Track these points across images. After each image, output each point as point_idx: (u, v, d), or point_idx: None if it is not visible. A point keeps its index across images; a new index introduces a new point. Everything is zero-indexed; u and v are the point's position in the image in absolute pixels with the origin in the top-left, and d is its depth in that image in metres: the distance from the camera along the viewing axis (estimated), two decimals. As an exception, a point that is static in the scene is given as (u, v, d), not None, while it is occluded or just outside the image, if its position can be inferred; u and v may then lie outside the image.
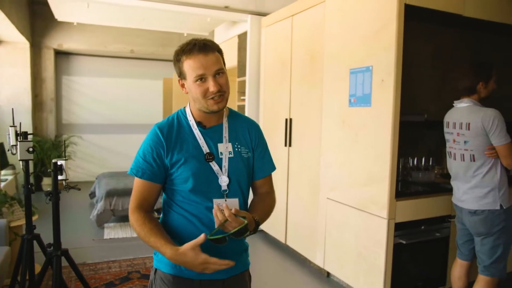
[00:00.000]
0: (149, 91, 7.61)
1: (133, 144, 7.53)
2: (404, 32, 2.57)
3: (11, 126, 2.36)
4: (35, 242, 2.55)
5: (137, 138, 7.62)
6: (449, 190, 2.94)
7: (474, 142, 2.43)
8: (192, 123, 1.39)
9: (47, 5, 5.15)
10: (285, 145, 3.91)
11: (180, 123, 1.39)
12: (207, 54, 1.29)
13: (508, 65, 3.28)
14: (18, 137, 2.34)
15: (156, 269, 1.41)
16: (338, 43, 3.12)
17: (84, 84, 7.26)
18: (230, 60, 5.46)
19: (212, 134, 1.40)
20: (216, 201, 1.34)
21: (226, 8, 4.44)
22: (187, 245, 1.20)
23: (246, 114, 4.66)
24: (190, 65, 1.30)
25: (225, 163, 1.37)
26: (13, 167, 5.67)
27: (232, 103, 5.72)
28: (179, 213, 1.37)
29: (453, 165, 2.60)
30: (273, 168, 1.55)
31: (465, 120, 2.47)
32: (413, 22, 2.75)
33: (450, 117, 2.63)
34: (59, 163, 2.22)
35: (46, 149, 6.30)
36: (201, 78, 1.29)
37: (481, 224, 2.44)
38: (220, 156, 1.37)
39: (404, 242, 2.71)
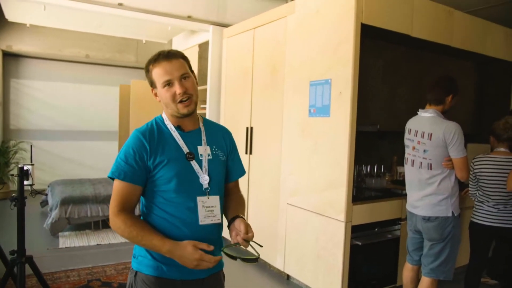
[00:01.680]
0: (105, 97, 7.45)
1: (87, 151, 7.42)
2: (360, 48, 2.79)
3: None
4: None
5: (91, 145, 7.44)
6: (399, 195, 3.21)
7: (434, 152, 2.57)
8: (171, 127, 1.46)
9: (-3, 5, 4.95)
10: (246, 153, 4.03)
11: (159, 128, 1.46)
12: (171, 61, 1.39)
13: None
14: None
15: (136, 272, 1.44)
16: (299, 56, 3.30)
17: (36, 88, 6.97)
18: (191, 68, 5.51)
19: (191, 137, 1.47)
20: (199, 198, 1.42)
21: (189, 18, 4.51)
22: (188, 241, 1.30)
23: (207, 122, 4.72)
24: (157, 73, 1.40)
25: (205, 163, 1.46)
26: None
27: (192, 111, 5.75)
28: (160, 216, 1.42)
29: (410, 172, 2.74)
30: (243, 171, 1.67)
31: (428, 130, 2.60)
32: (368, 39, 2.99)
33: (412, 125, 2.75)
34: (25, 168, 2.18)
35: (-9, 155, 5.97)
36: (168, 83, 1.39)
37: (434, 230, 2.59)
38: (200, 158, 1.45)
39: (359, 243, 2.91)
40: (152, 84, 1.44)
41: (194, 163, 1.43)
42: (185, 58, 1.45)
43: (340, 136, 2.87)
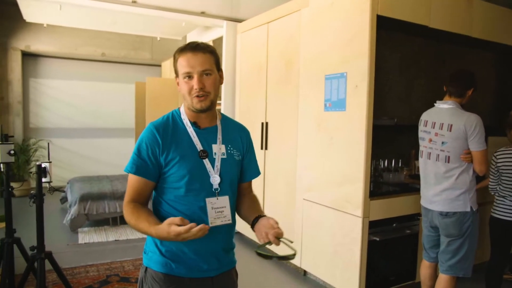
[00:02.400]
0: (121, 95, 7.53)
1: (104, 148, 7.51)
2: (376, 41, 2.73)
3: (-9, 129, 2.33)
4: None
5: (108, 142, 7.54)
6: (417, 190, 3.13)
7: (453, 144, 2.50)
8: (186, 121, 1.43)
9: (14, 5, 5.03)
10: (261, 148, 4.02)
11: (175, 122, 1.43)
12: (196, 54, 1.36)
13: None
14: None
15: (146, 268, 1.44)
16: (314, 50, 3.26)
17: (53, 87, 7.09)
18: (205, 64, 5.51)
19: (207, 135, 1.44)
20: (208, 200, 1.39)
21: (203, 13, 4.50)
22: (165, 221, 1.24)
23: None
24: (180, 63, 1.38)
25: (217, 163, 1.42)
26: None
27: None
28: (171, 213, 1.39)
29: (425, 165, 2.68)
30: (259, 172, 1.63)
31: (447, 121, 2.53)
32: (384, 31, 2.93)
33: (429, 116, 2.68)
34: (43, 165, 2.21)
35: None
36: (189, 76, 1.36)
37: (452, 226, 2.52)
38: (213, 156, 1.43)
39: (377, 239, 2.87)
40: (176, 73, 1.42)
41: (206, 162, 1.41)
42: (213, 53, 1.41)
43: (357, 130, 2.83)
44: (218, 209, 1.41)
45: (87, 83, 7.35)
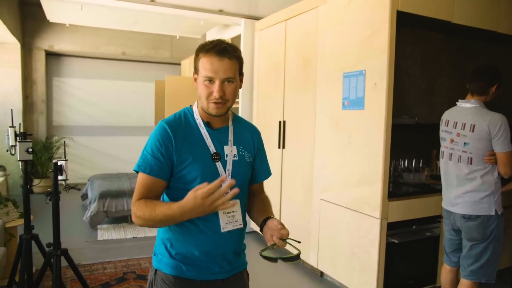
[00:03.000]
0: (141, 93, 7.62)
1: (124, 146, 7.61)
2: (396, 37, 2.65)
3: (10, 127, 2.37)
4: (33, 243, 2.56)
5: (128, 140, 7.63)
6: (439, 191, 3.03)
7: (475, 145, 2.39)
8: (199, 122, 1.39)
9: (38, 6, 5.14)
10: (279, 147, 3.98)
11: (187, 121, 1.39)
12: (222, 59, 1.29)
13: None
14: (18, 138, 2.35)
15: (156, 270, 1.41)
16: (332, 48, 3.19)
17: (75, 86, 7.24)
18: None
19: (219, 135, 1.40)
20: None
21: (220, 11, 4.49)
22: (189, 193, 1.20)
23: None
24: (203, 64, 1.31)
25: (229, 166, 1.38)
26: (3, 168, 5.62)
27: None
28: None
29: (447, 166, 2.58)
30: (269, 173, 1.59)
31: (470, 121, 2.42)
32: (404, 27, 2.84)
33: (450, 116, 2.59)
34: (59, 163, 2.24)
35: (37, 150, 6.25)
36: (210, 80, 1.30)
37: (475, 230, 2.41)
38: (225, 158, 1.38)
39: (396, 241, 2.79)
40: (196, 70, 1.36)
41: (219, 165, 1.36)
42: (239, 59, 1.36)
43: (375, 129, 2.76)
44: (230, 213, 1.38)
45: (108, 82, 7.47)
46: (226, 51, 1.30)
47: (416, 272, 3.01)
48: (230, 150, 1.40)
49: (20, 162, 2.35)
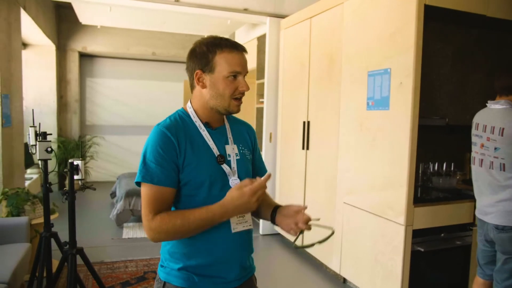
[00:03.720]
0: (170, 93, 7.71)
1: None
2: (423, 33, 2.50)
3: (31, 127, 2.42)
4: (53, 240, 2.60)
5: (158, 139, 7.74)
6: (471, 197, 2.84)
7: (506, 150, 2.20)
8: (199, 124, 1.31)
9: (72, 9, 5.29)
10: (303, 148, 3.88)
11: (185, 124, 1.31)
12: (243, 54, 1.28)
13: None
14: (38, 137, 2.40)
15: (165, 283, 1.32)
16: (356, 45, 3.07)
17: (107, 86, 7.43)
18: (250, 62, 5.44)
19: (219, 135, 1.35)
20: None
21: (245, 10, 4.44)
22: (230, 191, 1.21)
23: (265, 117, 4.65)
24: (226, 59, 1.24)
25: (233, 165, 1.33)
26: (38, 166, 5.83)
27: (251, 106, 5.73)
28: None
29: (478, 173, 2.40)
30: (266, 170, 1.54)
31: (499, 125, 2.24)
32: (433, 22, 2.68)
33: (480, 119, 2.41)
34: (75, 163, 2.26)
35: (70, 149, 6.46)
36: (234, 75, 1.25)
37: (509, 242, 2.22)
38: (228, 158, 1.33)
39: (422, 249, 2.63)
40: (208, 67, 1.25)
41: (225, 166, 1.30)
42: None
43: (400, 131, 2.61)
44: (240, 214, 1.31)
45: (139, 82, 7.61)
46: (243, 47, 1.29)
47: (444, 283, 2.83)
48: (232, 149, 1.35)
49: (40, 161, 2.39)
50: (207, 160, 1.28)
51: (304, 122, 3.86)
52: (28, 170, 5.63)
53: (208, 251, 1.30)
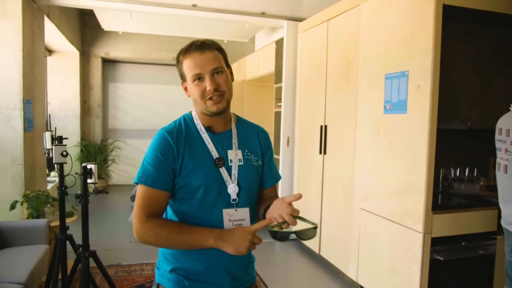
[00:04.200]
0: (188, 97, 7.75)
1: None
2: (442, 34, 2.42)
3: (47, 131, 2.47)
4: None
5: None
6: (495, 204, 2.72)
7: None
8: (200, 127, 1.32)
9: (95, 16, 5.41)
10: (320, 153, 3.82)
11: (188, 128, 1.32)
12: (204, 52, 1.25)
13: None
14: (54, 141, 2.44)
15: (158, 285, 1.34)
16: (373, 48, 3.00)
17: (129, 90, 7.56)
18: (268, 66, 5.45)
19: (222, 140, 1.33)
20: (225, 211, 1.27)
21: (263, 14, 4.43)
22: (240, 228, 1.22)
23: (282, 121, 4.61)
24: (187, 65, 1.26)
25: (234, 171, 1.30)
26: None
27: (269, 110, 5.70)
28: None
29: (503, 180, 2.30)
30: (280, 176, 1.50)
31: None
32: (453, 23, 2.59)
33: (504, 123, 2.32)
34: (88, 167, 2.28)
35: (92, 152, 6.59)
36: (199, 78, 1.25)
37: None
38: (229, 164, 1.30)
39: (441, 258, 2.53)
40: (182, 77, 1.31)
41: (223, 171, 1.28)
42: (221, 50, 1.31)
43: (418, 135, 2.53)
44: (237, 221, 1.28)
45: (160, 87, 7.71)
46: (205, 44, 1.27)
47: (466, 293, 2.72)
48: (235, 154, 1.32)
49: (55, 165, 2.44)
50: (204, 165, 1.27)
51: (321, 126, 3.81)
52: (52, 173, 5.76)
53: (198, 258, 1.28)
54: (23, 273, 2.44)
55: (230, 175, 1.29)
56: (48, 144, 2.45)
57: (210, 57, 1.25)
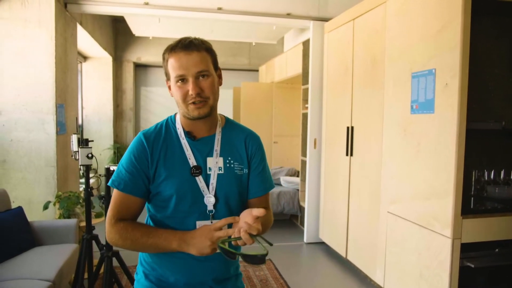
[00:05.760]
0: (220, 100, 7.79)
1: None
2: (471, 29, 2.30)
3: (74, 134, 2.55)
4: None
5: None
6: (533, 209, 2.56)
7: None
8: (180, 131, 1.25)
9: (127, 22, 5.57)
10: (346, 155, 3.74)
11: (168, 132, 1.26)
12: (190, 53, 1.16)
13: None
14: (80, 144, 2.52)
15: None
16: (399, 46, 2.91)
17: (160, 94, 7.72)
18: (296, 67, 5.40)
19: (202, 146, 1.25)
20: (199, 224, 1.20)
21: (288, 15, 4.40)
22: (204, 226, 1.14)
23: (309, 123, 4.55)
24: (171, 64, 1.19)
25: (213, 180, 1.22)
26: (95, 171, 6.17)
27: (297, 111, 5.65)
28: None
29: None
30: (271, 186, 1.37)
31: None
32: (483, 17, 2.46)
33: None
34: (111, 168, 2.33)
35: (124, 155, 6.78)
36: (182, 79, 1.17)
37: None
38: (208, 172, 1.23)
39: (472, 265, 2.40)
40: (167, 75, 1.23)
41: (199, 180, 1.21)
42: (209, 51, 1.22)
43: (446, 135, 2.42)
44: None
45: (190, 90, 7.82)
46: (193, 44, 1.18)
47: (500, 303, 2.57)
48: (215, 162, 1.23)
49: (81, 167, 2.51)
50: (179, 173, 1.21)
51: (347, 128, 3.73)
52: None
53: (171, 269, 1.24)
54: (52, 271, 2.52)
55: (207, 184, 1.22)
56: (75, 146, 2.53)
57: (196, 59, 1.17)
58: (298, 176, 5.86)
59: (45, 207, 3.35)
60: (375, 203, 3.25)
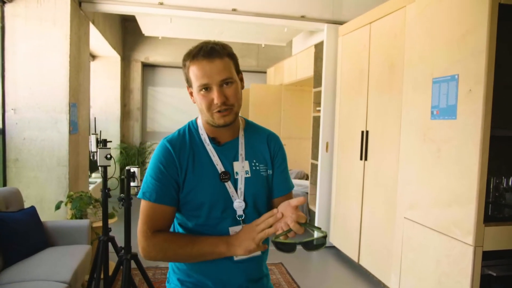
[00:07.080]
0: (229, 101, 7.80)
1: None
2: (498, 35, 2.28)
3: (92, 134, 2.53)
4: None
5: (214, 146, 7.88)
6: (553, 217, 2.54)
7: None
8: (205, 137, 1.25)
9: (136, 21, 5.55)
10: (361, 159, 3.71)
11: (192, 138, 1.25)
12: (213, 61, 1.14)
13: None
14: (99, 144, 2.50)
15: None
16: (420, 50, 2.88)
17: (168, 94, 7.69)
18: (307, 70, 5.38)
19: (227, 151, 1.25)
20: (232, 229, 1.20)
21: (302, 17, 4.38)
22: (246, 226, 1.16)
23: (321, 126, 4.53)
24: (194, 72, 1.16)
25: (241, 185, 1.22)
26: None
27: (307, 114, 5.63)
28: None
29: None
30: (293, 185, 1.38)
31: None
32: (509, 22, 2.44)
33: None
34: (132, 170, 2.31)
35: (131, 155, 6.75)
36: (206, 88, 1.16)
37: None
38: (235, 177, 1.22)
39: (494, 274, 2.37)
40: (188, 82, 1.21)
41: (229, 185, 1.20)
42: (232, 57, 1.21)
43: (469, 142, 2.39)
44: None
45: (198, 90, 7.80)
46: (215, 51, 1.16)
47: (521, 312, 2.54)
48: (242, 166, 1.23)
49: (100, 167, 2.49)
50: (209, 180, 1.20)
51: (362, 132, 3.70)
52: (93, 175, 5.95)
53: (207, 273, 1.23)
54: (68, 273, 2.50)
55: (236, 189, 1.22)
56: (93, 147, 2.51)
57: (219, 66, 1.15)
58: (307, 179, 5.83)
59: (57, 207, 3.32)
60: (390, 208, 3.23)
